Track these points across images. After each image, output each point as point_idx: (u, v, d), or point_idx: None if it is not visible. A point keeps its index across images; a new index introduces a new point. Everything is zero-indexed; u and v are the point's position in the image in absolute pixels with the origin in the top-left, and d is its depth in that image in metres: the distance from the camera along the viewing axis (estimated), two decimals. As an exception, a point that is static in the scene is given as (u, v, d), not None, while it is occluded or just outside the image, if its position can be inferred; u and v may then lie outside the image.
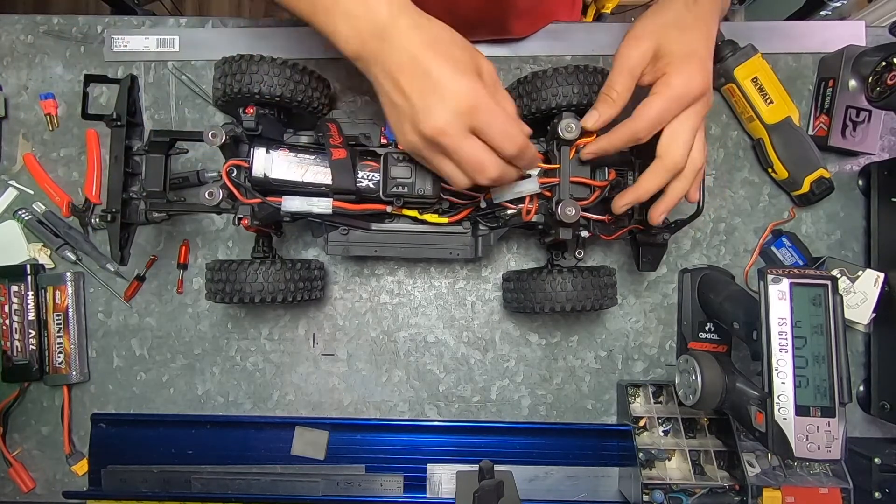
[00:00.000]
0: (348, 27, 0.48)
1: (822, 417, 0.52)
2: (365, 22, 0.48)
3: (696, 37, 0.54)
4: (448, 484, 0.72)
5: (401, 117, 0.50)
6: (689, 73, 0.53)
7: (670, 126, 0.54)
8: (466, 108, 0.48)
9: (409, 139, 0.51)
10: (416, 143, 0.51)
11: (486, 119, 0.49)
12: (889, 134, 0.74)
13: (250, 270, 0.61)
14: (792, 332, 0.53)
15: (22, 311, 0.72)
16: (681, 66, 0.53)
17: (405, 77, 0.48)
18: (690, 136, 0.54)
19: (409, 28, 0.48)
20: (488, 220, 0.65)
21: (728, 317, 0.62)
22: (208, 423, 0.73)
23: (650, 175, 0.56)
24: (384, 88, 0.50)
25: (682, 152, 0.54)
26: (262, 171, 0.58)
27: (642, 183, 0.56)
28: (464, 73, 0.48)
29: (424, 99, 0.48)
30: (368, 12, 0.48)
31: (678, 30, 0.54)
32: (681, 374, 0.62)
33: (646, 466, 0.69)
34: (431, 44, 0.48)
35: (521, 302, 0.64)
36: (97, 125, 0.74)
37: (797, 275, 0.54)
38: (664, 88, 0.53)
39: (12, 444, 0.75)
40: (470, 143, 0.49)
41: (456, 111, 0.47)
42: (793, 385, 0.52)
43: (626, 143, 0.56)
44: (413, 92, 0.48)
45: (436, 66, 0.47)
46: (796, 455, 0.52)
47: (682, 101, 0.54)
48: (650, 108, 0.53)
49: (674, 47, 0.54)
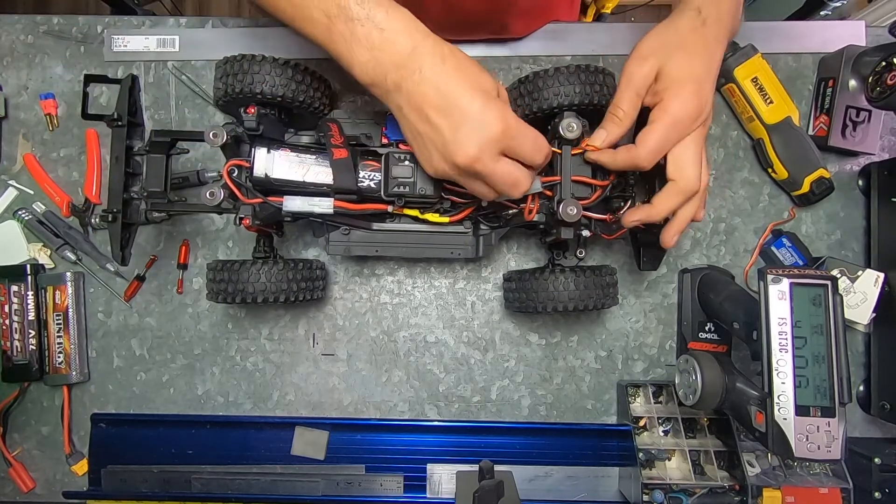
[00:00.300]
0: (367, 56, 0.48)
1: (822, 417, 0.52)
2: (385, 53, 0.48)
3: (698, 61, 0.54)
4: (448, 484, 0.72)
5: (428, 146, 0.51)
6: (685, 99, 0.53)
7: (676, 151, 0.55)
8: (498, 135, 0.48)
9: (438, 167, 0.52)
10: (446, 171, 0.51)
11: (517, 141, 0.50)
12: (889, 134, 0.74)
13: (252, 270, 0.61)
14: (792, 332, 0.53)
15: (22, 311, 0.72)
16: (678, 91, 0.54)
17: (433, 110, 0.48)
18: (698, 159, 0.55)
19: (432, 58, 0.48)
20: (489, 220, 0.65)
21: (728, 317, 0.62)
22: (208, 423, 0.73)
23: (665, 197, 0.56)
24: (408, 118, 0.50)
25: (695, 175, 0.55)
26: (264, 171, 0.58)
27: (657, 205, 0.56)
28: (490, 100, 0.49)
29: (456, 132, 0.48)
30: (387, 42, 0.48)
31: (681, 52, 0.54)
32: (681, 374, 0.62)
33: (646, 466, 0.69)
34: (456, 75, 0.48)
35: (523, 302, 0.64)
36: (97, 125, 0.74)
37: (797, 275, 0.54)
38: (662, 115, 0.54)
39: (12, 444, 0.75)
40: (503, 166, 0.50)
41: (489, 140, 0.48)
42: (793, 385, 0.52)
43: (626, 167, 0.57)
44: (443, 125, 0.48)
45: (465, 98, 0.48)
46: (796, 455, 0.52)
47: (681, 128, 0.54)
48: (650, 136, 0.54)
49: (674, 71, 0.54)
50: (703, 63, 0.54)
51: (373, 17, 0.47)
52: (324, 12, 0.48)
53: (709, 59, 0.55)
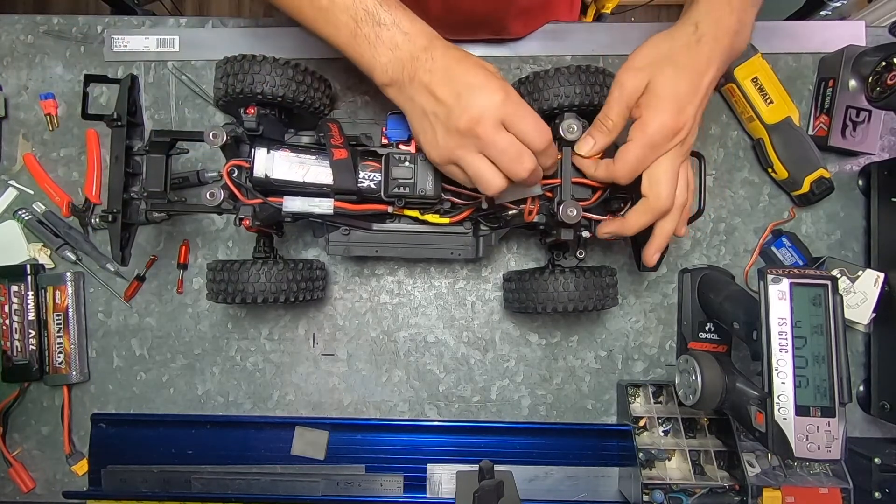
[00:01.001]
0: (389, 57, 0.51)
1: (822, 417, 0.52)
2: (404, 51, 0.51)
3: (685, 80, 0.53)
4: (448, 484, 0.72)
5: (434, 126, 0.52)
6: (664, 118, 0.53)
7: (651, 168, 0.55)
8: (500, 101, 0.50)
9: (442, 145, 0.52)
10: (449, 147, 0.52)
11: (518, 114, 0.51)
12: (889, 134, 0.74)
13: (253, 271, 0.61)
14: (792, 332, 0.53)
15: (22, 311, 0.72)
16: (658, 109, 0.53)
17: (439, 86, 0.50)
18: (672, 177, 0.55)
19: (444, 48, 0.52)
20: (489, 221, 0.65)
21: (728, 317, 0.62)
22: (208, 423, 0.73)
23: (636, 213, 0.57)
24: (418, 103, 0.52)
25: (667, 194, 0.55)
26: (264, 172, 0.58)
27: (629, 220, 0.57)
28: (493, 75, 0.52)
29: (459, 99, 0.50)
30: (409, 42, 0.51)
31: (671, 68, 0.54)
32: (681, 374, 0.62)
33: (646, 466, 0.69)
34: (464, 57, 0.52)
35: (524, 302, 0.64)
36: (97, 125, 0.74)
37: (797, 275, 0.54)
38: (640, 134, 0.54)
39: (12, 444, 0.75)
40: (504, 136, 0.51)
41: (490, 105, 0.49)
42: (793, 385, 0.52)
43: (605, 181, 0.58)
44: (447, 96, 0.50)
45: (471, 73, 0.51)
46: (796, 455, 0.52)
47: (658, 146, 0.54)
48: (627, 154, 0.54)
49: (659, 87, 0.54)
50: (690, 82, 0.54)
51: (398, 23, 0.51)
52: (351, 17, 0.51)
53: (697, 78, 0.54)
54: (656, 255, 0.60)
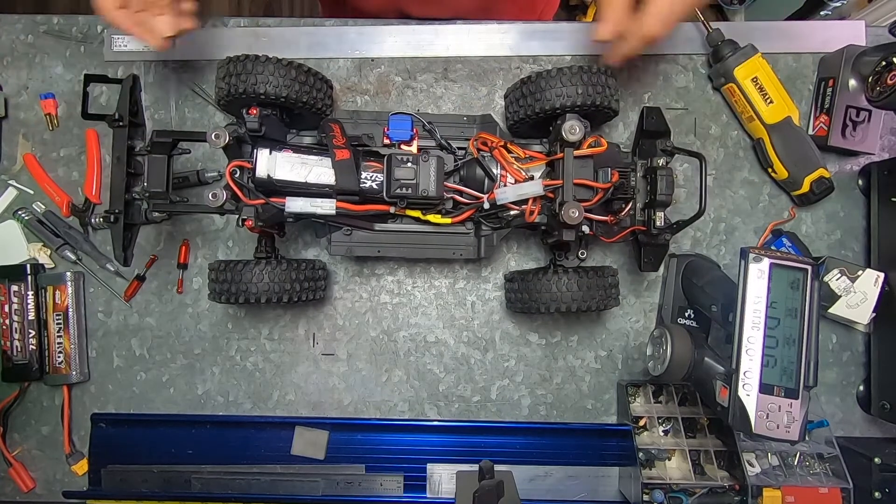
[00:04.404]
0: None
1: (785, 398, 0.53)
2: None
3: None
4: (448, 484, 0.72)
5: None
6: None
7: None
8: None
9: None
10: None
11: None
12: (889, 134, 0.75)
13: (255, 271, 0.61)
14: (766, 312, 0.53)
15: (22, 310, 0.72)
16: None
17: None
18: None
19: None
20: (491, 221, 0.65)
21: (707, 300, 0.63)
22: (208, 423, 0.73)
23: None
24: None
25: None
26: (266, 172, 0.58)
27: None
28: None
29: None
30: None
31: None
32: (653, 346, 0.62)
33: (646, 466, 0.69)
34: None
35: (527, 302, 0.64)
36: (97, 125, 0.74)
37: (779, 256, 0.54)
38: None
39: (12, 444, 0.74)
40: None
41: None
42: (760, 363, 0.53)
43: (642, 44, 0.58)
44: None
45: None
46: (755, 431, 0.52)
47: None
48: (654, 5, 0.55)
49: None
50: None
51: None
52: None
53: None
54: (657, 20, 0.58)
